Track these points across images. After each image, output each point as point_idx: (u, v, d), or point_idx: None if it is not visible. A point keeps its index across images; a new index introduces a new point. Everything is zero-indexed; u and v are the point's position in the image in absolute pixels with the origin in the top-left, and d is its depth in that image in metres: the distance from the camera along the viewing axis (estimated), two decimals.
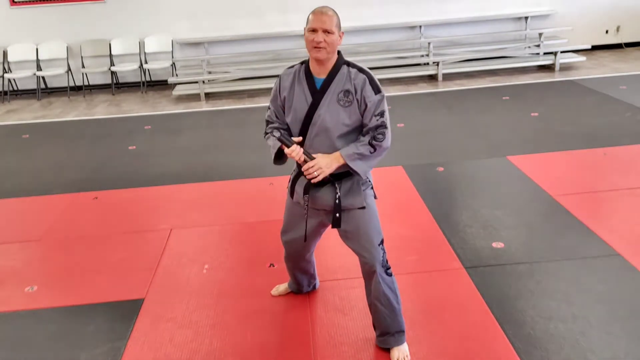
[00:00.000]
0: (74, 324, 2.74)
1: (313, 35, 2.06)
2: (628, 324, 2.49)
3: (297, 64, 2.23)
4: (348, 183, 2.22)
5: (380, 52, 7.92)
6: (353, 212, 2.24)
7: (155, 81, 8.14)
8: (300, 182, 2.29)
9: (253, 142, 5.31)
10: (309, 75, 2.17)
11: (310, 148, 2.17)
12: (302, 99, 2.17)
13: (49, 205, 4.15)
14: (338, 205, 2.21)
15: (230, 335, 2.58)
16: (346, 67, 2.15)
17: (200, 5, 7.79)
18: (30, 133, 6.17)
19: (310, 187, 2.24)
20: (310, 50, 2.09)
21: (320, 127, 2.14)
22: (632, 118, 5.26)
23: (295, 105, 2.18)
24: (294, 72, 2.21)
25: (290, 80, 2.20)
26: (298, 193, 2.31)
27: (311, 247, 2.53)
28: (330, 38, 2.05)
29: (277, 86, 2.25)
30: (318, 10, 2.08)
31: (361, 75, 2.12)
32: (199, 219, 3.79)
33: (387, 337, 2.37)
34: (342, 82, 2.12)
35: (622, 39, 8.46)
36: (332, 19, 2.06)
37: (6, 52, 7.74)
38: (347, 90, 2.11)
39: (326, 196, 2.23)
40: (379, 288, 2.27)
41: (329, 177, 2.18)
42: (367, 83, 2.10)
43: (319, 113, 2.13)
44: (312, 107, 2.14)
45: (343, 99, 2.11)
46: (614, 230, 3.28)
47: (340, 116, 2.12)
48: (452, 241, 3.27)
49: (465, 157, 4.59)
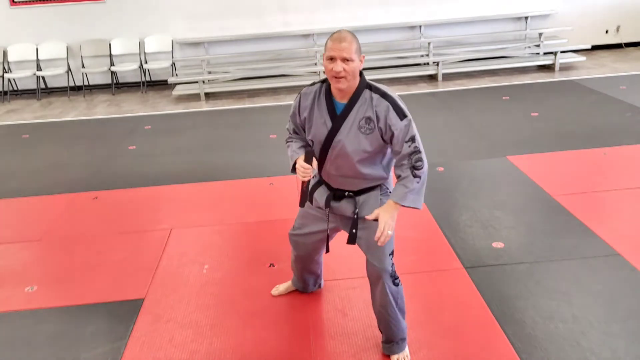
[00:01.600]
0: (74, 324, 2.74)
1: (332, 64, 1.95)
2: (628, 324, 2.49)
3: (318, 83, 2.15)
4: (366, 195, 2.21)
5: (380, 52, 7.92)
6: (369, 222, 2.19)
7: (155, 81, 8.14)
8: (320, 191, 2.28)
9: (253, 142, 5.31)
10: (329, 98, 2.09)
11: (332, 166, 2.16)
12: (321, 122, 2.10)
13: (49, 205, 4.15)
14: (355, 221, 2.19)
15: (230, 336, 2.58)
16: (368, 92, 2.05)
17: (200, 5, 7.79)
18: (30, 133, 6.17)
19: (331, 199, 2.23)
20: (330, 80, 2.01)
21: (339, 151, 2.10)
22: (632, 118, 5.26)
23: (315, 128, 2.13)
24: (315, 92, 2.13)
25: (310, 100, 2.13)
26: (317, 201, 2.30)
27: (320, 250, 2.53)
28: (351, 66, 1.95)
29: (296, 104, 2.18)
30: (336, 37, 1.96)
31: (384, 102, 2.02)
32: (199, 219, 3.79)
33: (392, 346, 2.36)
34: (363, 108, 2.04)
35: (622, 39, 8.46)
36: (351, 45, 1.94)
37: (6, 52, 7.74)
38: (368, 117, 2.03)
39: (345, 207, 2.23)
40: (386, 298, 2.25)
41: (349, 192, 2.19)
42: (390, 110, 2.00)
43: (339, 139, 2.08)
44: (331, 132, 2.08)
45: (364, 126, 2.04)
46: (614, 230, 3.28)
47: (361, 143, 2.06)
48: (452, 241, 3.27)
49: (465, 157, 4.59)
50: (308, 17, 7.88)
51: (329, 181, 2.24)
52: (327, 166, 2.18)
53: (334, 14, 7.85)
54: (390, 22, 7.91)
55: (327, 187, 2.27)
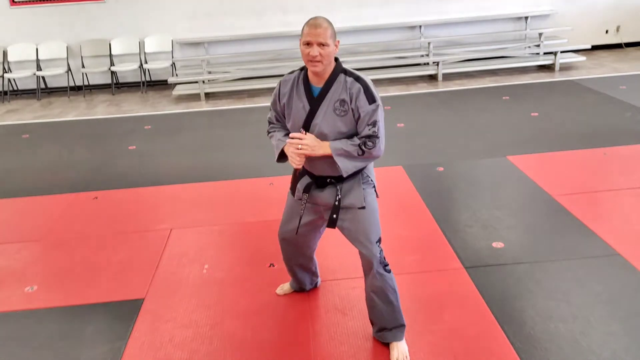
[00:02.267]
0: (74, 324, 2.74)
1: (308, 49, 2.05)
2: (628, 324, 2.49)
3: (297, 70, 2.24)
4: (349, 183, 2.24)
5: (380, 52, 7.92)
6: (353, 210, 2.26)
7: (155, 81, 8.14)
8: (302, 181, 2.32)
9: (253, 142, 5.31)
10: (306, 83, 2.18)
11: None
12: (299, 106, 2.18)
13: (49, 205, 4.15)
14: (337, 207, 2.23)
15: (230, 335, 2.58)
16: (343, 76, 2.14)
17: (200, 5, 7.79)
18: (30, 133, 6.17)
19: (311, 186, 2.27)
20: (306, 64, 2.10)
21: (317, 134, 2.16)
22: (632, 118, 5.26)
23: (294, 112, 2.20)
24: (293, 78, 2.22)
25: (289, 87, 2.22)
26: (299, 190, 2.33)
27: (310, 243, 2.54)
28: (326, 50, 2.04)
29: (276, 92, 2.27)
30: (312, 23, 2.07)
31: (357, 84, 2.11)
32: (199, 219, 3.79)
33: (385, 332, 2.39)
34: (338, 91, 2.13)
35: (622, 39, 8.46)
36: (326, 31, 2.04)
37: (6, 52, 7.74)
38: (342, 99, 2.12)
39: (327, 195, 2.27)
40: (376, 283, 2.29)
41: (331, 178, 2.22)
42: (361, 92, 2.10)
43: (316, 122, 2.15)
44: (309, 116, 2.16)
45: (339, 108, 2.12)
46: (614, 230, 3.28)
47: (336, 125, 2.14)
48: (452, 241, 3.27)
49: (465, 157, 4.59)
50: (308, 17, 7.86)
51: (312, 168, 2.27)
52: None
53: (334, 14, 7.83)
54: (390, 22, 7.92)
55: (310, 176, 2.30)
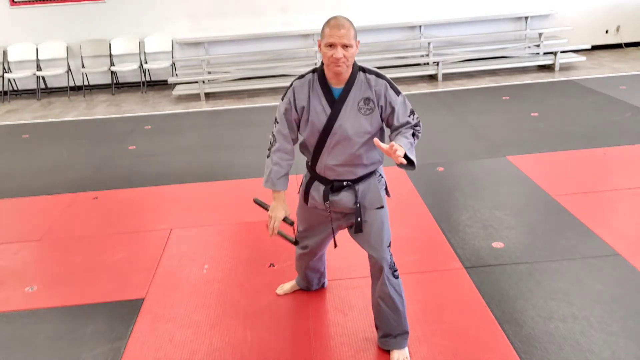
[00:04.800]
0: (74, 324, 2.74)
1: (332, 51, 1.97)
2: (628, 324, 2.49)
3: (308, 74, 2.15)
4: (365, 184, 2.22)
5: (380, 52, 7.92)
6: (370, 212, 2.23)
7: (155, 81, 8.14)
8: (315, 187, 2.26)
9: (253, 142, 5.31)
10: (324, 85, 2.10)
11: (330, 156, 2.15)
12: (318, 110, 2.10)
13: (49, 205, 4.15)
14: (359, 210, 2.19)
15: (230, 336, 2.58)
16: (362, 74, 2.09)
17: (200, 5, 7.79)
18: (30, 133, 6.17)
19: (329, 193, 2.21)
20: (329, 66, 2.02)
21: (340, 137, 2.10)
22: (632, 118, 5.26)
23: (312, 116, 2.12)
24: (308, 82, 2.13)
25: (306, 91, 2.12)
26: (314, 198, 2.27)
27: (325, 246, 2.53)
28: (349, 52, 1.98)
29: (291, 99, 2.14)
30: (334, 24, 1.98)
31: (381, 80, 2.08)
32: (199, 219, 3.79)
33: (389, 339, 2.37)
34: (361, 89, 2.08)
35: (622, 39, 8.46)
36: (349, 32, 1.97)
37: (6, 52, 7.74)
38: (367, 97, 2.07)
39: (345, 199, 2.22)
40: (385, 289, 2.26)
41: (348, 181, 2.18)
42: (388, 88, 2.07)
43: (339, 123, 2.08)
44: (331, 118, 2.09)
45: (364, 107, 2.07)
46: (614, 230, 3.28)
47: (362, 124, 2.09)
48: (452, 241, 3.27)
49: (465, 157, 4.59)
50: (308, 17, 7.88)
51: (325, 174, 2.21)
52: (324, 158, 2.16)
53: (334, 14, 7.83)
54: (390, 22, 7.92)
55: (323, 182, 2.24)
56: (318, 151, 2.16)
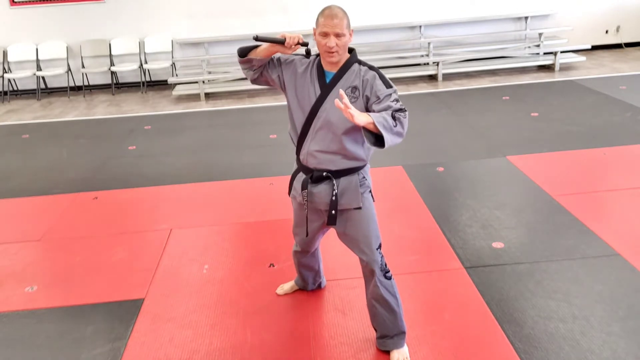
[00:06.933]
0: (74, 324, 2.74)
1: (325, 39, 2.04)
2: (628, 324, 2.49)
3: (313, 55, 2.22)
4: (345, 182, 2.21)
5: (380, 52, 7.92)
6: (351, 214, 2.24)
7: (155, 81, 8.14)
8: (298, 178, 2.30)
9: (253, 142, 5.31)
10: (320, 68, 2.17)
11: (313, 141, 2.17)
12: (310, 90, 2.16)
13: (49, 205, 4.15)
14: (334, 203, 2.20)
15: (230, 336, 2.58)
16: (357, 65, 2.14)
17: (200, 5, 7.79)
18: (30, 133, 6.17)
19: (308, 182, 2.23)
20: (323, 54, 2.10)
21: (324, 120, 2.13)
22: (632, 118, 5.26)
23: (300, 94, 2.17)
24: (309, 62, 2.20)
25: (303, 68, 2.19)
26: (296, 189, 2.31)
27: (315, 243, 2.54)
28: (342, 41, 2.05)
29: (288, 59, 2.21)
30: (327, 13, 2.04)
31: (371, 72, 2.12)
32: (199, 219, 3.79)
33: (386, 340, 2.37)
34: (351, 78, 2.12)
35: (622, 39, 8.46)
36: (342, 21, 2.03)
37: (6, 52, 7.74)
38: (354, 86, 2.11)
39: (324, 193, 2.22)
40: (377, 291, 2.27)
41: (327, 173, 2.18)
42: (377, 78, 2.09)
43: (325, 107, 2.13)
44: (318, 100, 2.14)
45: (350, 95, 2.10)
46: (614, 230, 3.28)
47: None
48: (452, 241, 3.27)
49: (465, 157, 4.59)
50: (308, 17, 7.87)
51: (307, 162, 2.23)
52: (307, 143, 2.19)
53: None
54: (390, 22, 7.92)
55: (305, 171, 2.26)
56: (303, 136, 2.20)
